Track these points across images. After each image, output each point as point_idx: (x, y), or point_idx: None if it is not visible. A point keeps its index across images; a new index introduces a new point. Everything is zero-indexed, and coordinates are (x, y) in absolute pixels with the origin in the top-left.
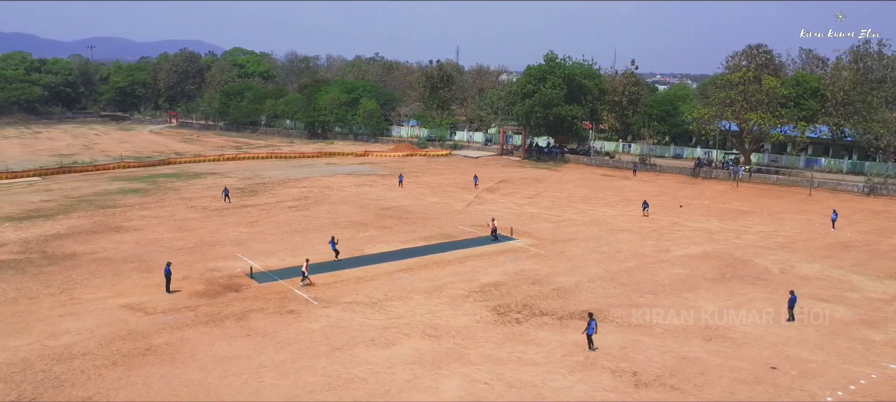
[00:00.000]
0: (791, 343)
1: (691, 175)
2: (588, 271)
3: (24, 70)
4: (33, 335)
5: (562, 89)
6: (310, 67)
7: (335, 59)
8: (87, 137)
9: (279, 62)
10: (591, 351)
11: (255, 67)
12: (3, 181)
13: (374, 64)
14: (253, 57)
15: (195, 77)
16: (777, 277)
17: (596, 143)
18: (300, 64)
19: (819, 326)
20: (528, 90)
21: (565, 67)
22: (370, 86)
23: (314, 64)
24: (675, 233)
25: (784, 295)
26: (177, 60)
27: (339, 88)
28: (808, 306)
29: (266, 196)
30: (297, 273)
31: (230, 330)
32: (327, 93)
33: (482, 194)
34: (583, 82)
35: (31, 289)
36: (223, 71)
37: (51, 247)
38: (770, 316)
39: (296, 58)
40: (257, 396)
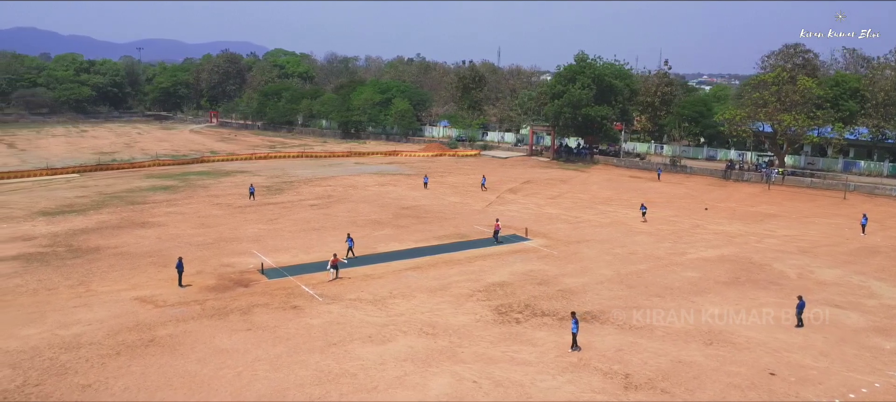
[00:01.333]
0: (794, 349)
1: (722, 177)
2: (597, 272)
3: (74, 71)
4: (47, 324)
5: (591, 90)
6: (348, 68)
7: (374, 60)
8: (129, 135)
9: (318, 63)
10: (574, 351)
11: (294, 67)
12: (44, 177)
13: (411, 65)
14: (293, 58)
15: (236, 78)
16: (793, 282)
17: (627, 144)
18: (339, 65)
19: (828, 332)
20: (557, 91)
21: (595, 67)
22: (404, 86)
23: (353, 65)
24: (694, 236)
25: (795, 301)
26: (218, 61)
27: (373, 89)
28: (821, 311)
29: (290, 194)
30: (309, 270)
31: (233, 324)
32: (361, 93)
33: (504, 195)
34: (613, 83)
35: (52, 280)
36: (263, 72)
37: (77, 241)
38: (777, 321)
39: (335, 58)
40: (248, 388)
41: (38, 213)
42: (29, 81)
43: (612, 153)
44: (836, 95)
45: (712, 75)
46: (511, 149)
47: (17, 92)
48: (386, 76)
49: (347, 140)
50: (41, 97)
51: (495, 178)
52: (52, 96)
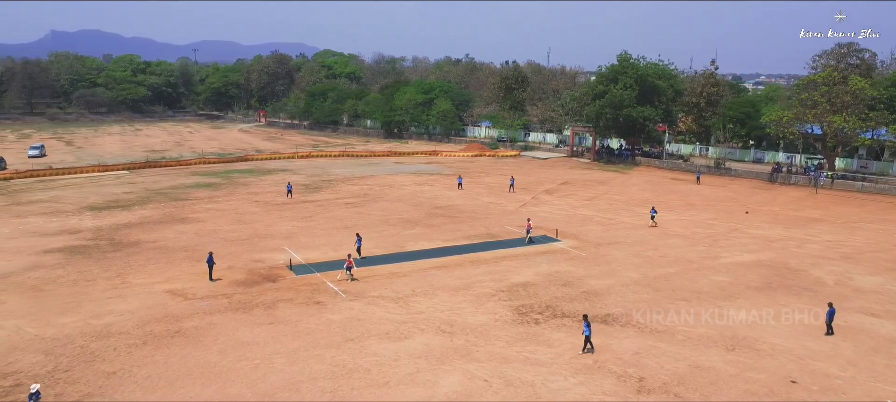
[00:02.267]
0: (820, 357)
1: (768, 180)
2: (624, 275)
3: (131, 72)
4: (82, 313)
5: (633, 90)
6: (395, 69)
7: (420, 61)
8: (180, 134)
9: (366, 63)
10: (584, 353)
11: (342, 68)
12: (95, 174)
13: (458, 65)
14: (341, 58)
15: (285, 78)
16: (829, 288)
17: (671, 145)
18: (386, 65)
19: (859, 341)
20: (599, 91)
21: (638, 67)
22: (446, 86)
23: (400, 65)
24: (730, 240)
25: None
26: (268, 62)
27: (416, 89)
28: (855, 319)
29: (327, 193)
30: (336, 267)
31: (256, 318)
32: (404, 94)
33: (539, 196)
34: (656, 83)
35: (91, 272)
36: (312, 72)
37: (119, 235)
38: (806, 329)
39: (382, 59)
40: (263, 380)
41: (86, 208)
42: (89, 82)
43: (654, 155)
44: (892, 96)
45: (771, 76)
46: (552, 150)
47: (78, 92)
48: (431, 77)
49: (390, 140)
50: (100, 97)
51: (532, 179)
52: (111, 96)
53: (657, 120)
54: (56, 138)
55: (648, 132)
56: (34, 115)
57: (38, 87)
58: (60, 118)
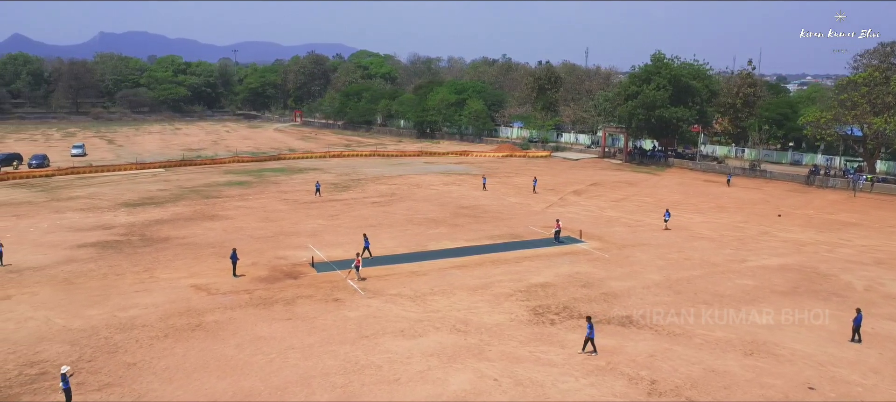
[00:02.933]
0: (843, 364)
1: (805, 183)
2: (646, 277)
3: (172, 72)
4: (108, 306)
5: (667, 91)
6: (431, 69)
7: (456, 61)
8: (217, 133)
9: (402, 64)
10: (588, 354)
11: (377, 68)
12: (132, 171)
13: (493, 65)
14: (377, 59)
15: (320, 78)
16: (858, 294)
17: (706, 147)
18: (421, 65)
19: (885, 348)
20: (631, 92)
21: (672, 67)
22: (479, 86)
23: (435, 66)
24: (759, 243)
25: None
26: (304, 63)
27: (448, 89)
28: (883, 326)
29: (355, 192)
30: (366, 263)
31: (275, 313)
32: (437, 94)
33: (567, 197)
34: (690, 83)
35: (121, 266)
36: (347, 72)
37: (150, 231)
38: (830, 335)
39: (417, 59)
40: (276, 374)
41: (122, 204)
42: (132, 82)
43: (687, 156)
44: None
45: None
46: (584, 151)
47: (121, 92)
48: (466, 77)
49: (422, 140)
50: (142, 97)
51: (561, 180)
52: (152, 96)
53: (691, 121)
54: (98, 137)
55: (682, 133)
56: (79, 114)
57: (83, 87)
58: (104, 117)
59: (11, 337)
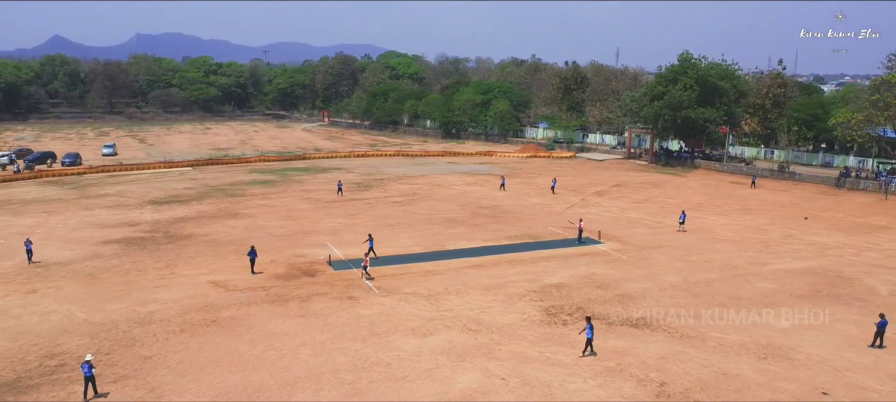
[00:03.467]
0: (859, 370)
1: (835, 186)
2: (663, 278)
3: (203, 73)
4: (129, 301)
5: (693, 91)
6: (459, 69)
7: (484, 61)
8: (246, 133)
9: (430, 64)
10: (586, 356)
11: (405, 69)
12: (161, 170)
13: (521, 66)
14: (405, 59)
15: (349, 78)
16: (882, 299)
17: (735, 148)
18: (449, 66)
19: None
20: (657, 92)
21: (699, 67)
22: (505, 87)
23: (463, 66)
24: (783, 246)
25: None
26: (333, 63)
27: (474, 90)
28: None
29: (377, 191)
30: (373, 263)
31: (290, 310)
32: (462, 94)
33: (589, 198)
34: (718, 84)
35: (144, 263)
36: (375, 73)
37: (174, 228)
38: (849, 340)
39: (445, 60)
40: (286, 370)
41: (148, 202)
42: (165, 82)
43: (715, 158)
44: None
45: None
46: (609, 151)
47: (154, 92)
48: (493, 77)
49: (448, 140)
50: (174, 97)
51: (584, 180)
52: (184, 96)
53: (719, 122)
54: (130, 136)
55: (709, 134)
56: (114, 113)
57: (117, 87)
58: (137, 117)
59: (35, 329)
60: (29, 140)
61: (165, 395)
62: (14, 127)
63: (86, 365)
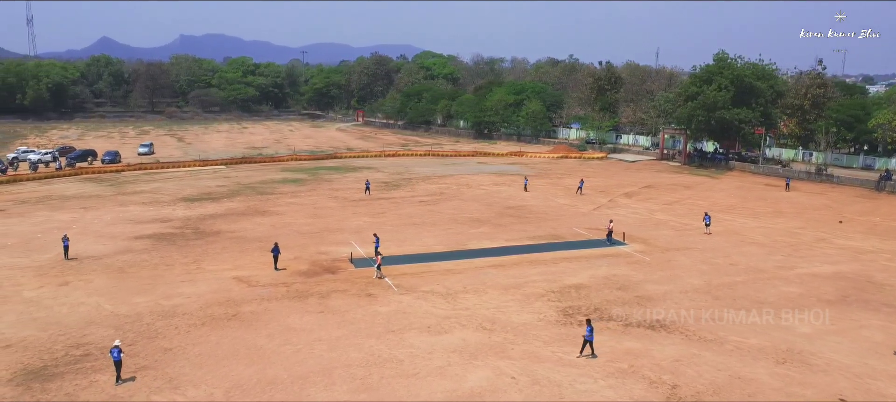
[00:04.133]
0: (882, 377)
1: (874, 189)
2: (686, 281)
3: (241, 73)
4: (155, 294)
5: (729, 92)
6: (494, 70)
7: (519, 62)
8: (281, 132)
9: (465, 64)
10: (583, 356)
11: (440, 69)
12: (195, 168)
13: (556, 66)
14: (440, 59)
15: (383, 79)
16: None
17: (772, 150)
18: (484, 66)
19: None
20: (691, 92)
21: (735, 67)
22: (538, 87)
23: (498, 66)
24: (813, 250)
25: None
26: (368, 63)
27: (506, 90)
28: None
29: (404, 190)
30: (394, 262)
31: (309, 306)
32: (495, 95)
33: (617, 199)
34: (754, 84)
35: (172, 258)
36: (410, 73)
37: (204, 224)
38: (874, 346)
39: (480, 60)
40: (300, 364)
41: (181, 199)
42: (204, 82)
43: (750, 159)
44: None
45: None
46: (641, 152)
47: (193, 92)
48: (528, 78)
49: (480, 140)
50: (213, 97)
51: (614, 182)
52: (223, 96)
53: (754, 123)
54: (169, 135)
55: (744, 135)
56: (155, 113)
57: (159, 87)
58: (177, 116)
59: (64, 320)
60: (73, 138)
61: (182, 386)
62: (60, 126)
63: (115, 350)
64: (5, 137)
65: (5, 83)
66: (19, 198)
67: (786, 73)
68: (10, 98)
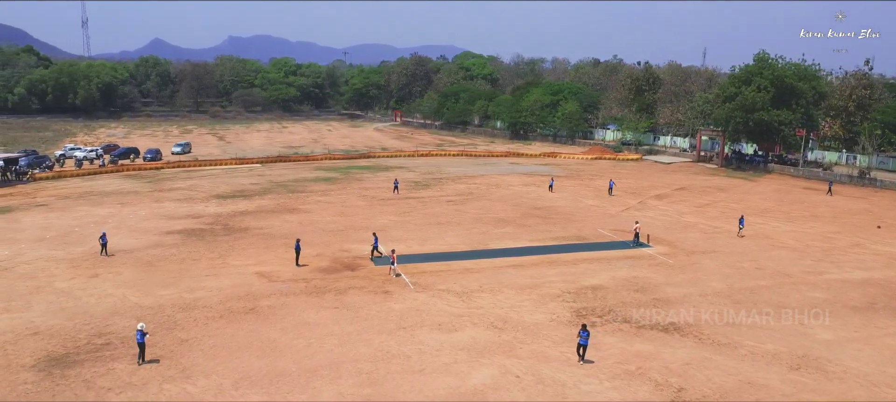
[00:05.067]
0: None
1: None
2: (707, 284)
3: (283, 73)
4: (180, 287)
5: (768, 93)
6: (534, 70)
7: (560, 62)
8: (319, 132)
9: (505, 65)
10: (589, 362)
11: (479, 70)
12: (232, 166)
13: (597, 66)
14: (479, 60)
15: (422, 79)
16: None
17: (814, 153)
18: (524, 67)
19: None
20: (729, 93)
21: (775, 67)
22: (575, 88)
23: (539, 67)
24: (847, 255)
25: None
26: (407, 64)
27: (543, 90)
28: None
29: (433, 190)
30: (415, 260)
31: (325, 302)
32: (531, 95)
33: (648, 201)
34: (795, 85)
35: (199, 252)
36: (450, 74)
37: (233, 221)
38: (891, 356)
39: (521, 61)
40: (310, 358)
41: (215, 196)
42: (247, 83)
43: (790, 162)
44: None
45: None
46: (678, 154)
47: (237, 92)
48: (568, 78)
49: (515, 141)
50: (256, 97)
51: (647, 183)
52: (265, 96)
53: (795, 124)
54: (211, 134)
55: (784, 137)
56: (199, 112)
57: (203, 87)
58: (221, 116)
59: (90, 310)
60: (119, 137)
61: (194, 375)
62: (108, 124)
63: (139, 333)
64: (56, 135)
65: (58, 83)
66: (63, 193)
67: (830, 73)
68: (62, 98)
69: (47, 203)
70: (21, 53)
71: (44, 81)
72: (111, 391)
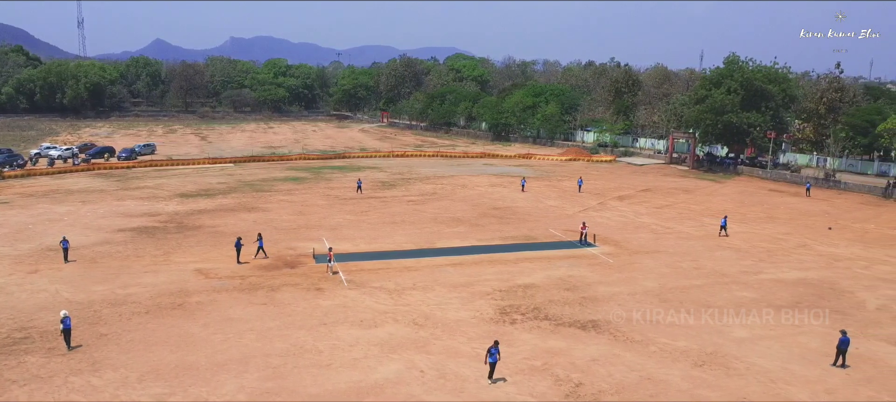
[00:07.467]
0: (798, 383)
1: (882, 196)
2: (640, 284)
3: (274, 74)
4: (114, 284)
5: (737, 95)
6: (525, 73)
7: (551, 64)
8: (304, 132)
9: (496, 67)
10: (490, 383)
11: (470, 71)
12: (205, 165)
13: (587, 69)
14: (470, 62)
15: (411, 81)
16: (865, 313)
17: (786, 155)
18: (516, 69)
19: (858, 370)
20: (700, 95)
21: (745, 70)
22: (557, 89)
23: (530, 69)
24: (789, 255)
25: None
26: (396, 66)
27: (526, 92)
28: (869, 347)
29: (398, 190)
30: (356, 258)
31: (255, 298)
32: (513, 96)
33: (608, 202)
34: (765, 87)
35: (145, 250)
36: (440, 75)
37: (189, 219)
38: (805, 352)
39: (512, 62)
40: (222, 352)
41: (178, 194)
42: (237, 83)
43: (760, 164)
44: None
45: None
46: (651, 156)
47: (226, 92)
48: (557, 80)
49: (496, 142)
50: (245, 97)
51: (613, 185)
52: (255, 96)
53: (764, 127)
54: (195, 134)
55: (754, 140)
56: (188, 112)
57: (193, 87)
58: (209, 116)
59: (19, 305)
60: (102, 136)
61: (102, 368)
62: (94, 124)
63: (66, 320)
64: (40, 135)
65: (47, 83)
66: (28, 191)
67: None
68: (51, 97)
69: (9, 201)
70: (10, 53)
71: (32, 80)
72: (15, 384)
